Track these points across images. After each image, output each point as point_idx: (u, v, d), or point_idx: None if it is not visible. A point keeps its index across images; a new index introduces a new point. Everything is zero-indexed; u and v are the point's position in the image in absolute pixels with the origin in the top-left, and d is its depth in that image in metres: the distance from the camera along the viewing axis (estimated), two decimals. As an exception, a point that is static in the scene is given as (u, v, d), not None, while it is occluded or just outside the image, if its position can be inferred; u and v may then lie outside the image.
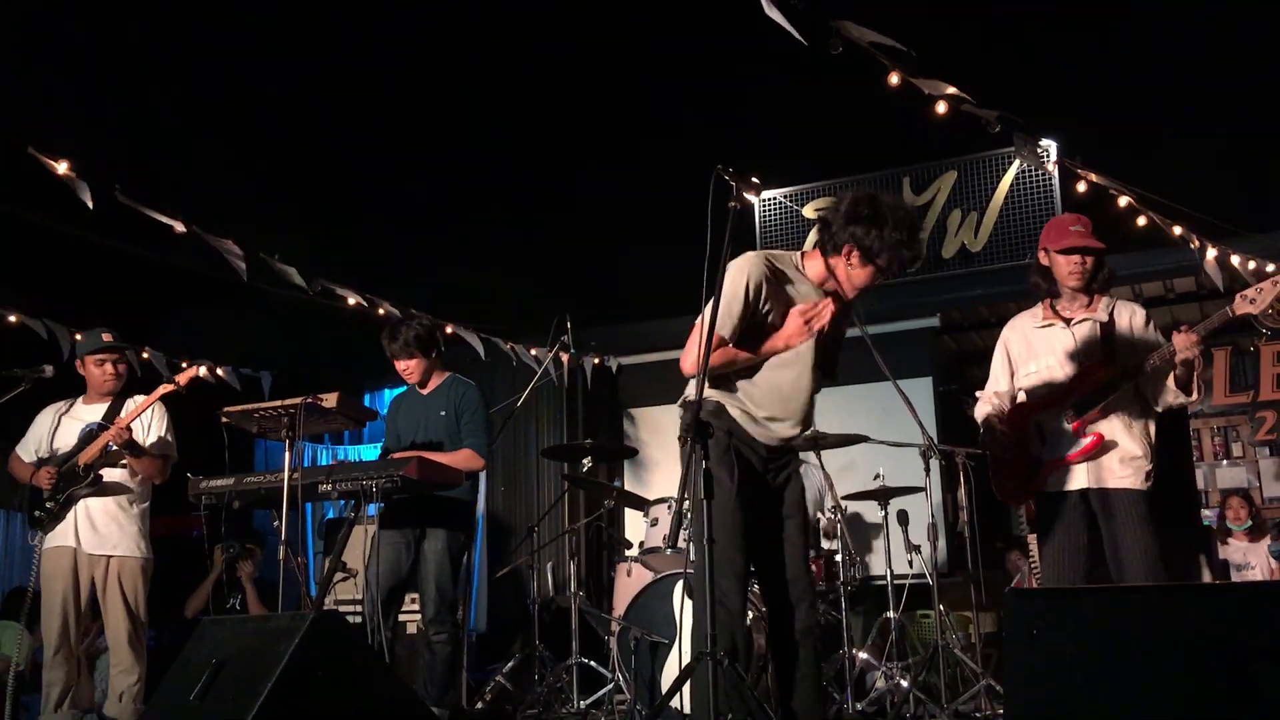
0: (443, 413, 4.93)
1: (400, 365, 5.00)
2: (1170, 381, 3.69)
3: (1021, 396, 3.99)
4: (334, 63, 6.77)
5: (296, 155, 7.04)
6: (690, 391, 3.41)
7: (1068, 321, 3.89)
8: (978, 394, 4.16)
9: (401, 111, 7.13)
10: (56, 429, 4.93)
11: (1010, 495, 4.00)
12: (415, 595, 4.92)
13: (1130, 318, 3.85)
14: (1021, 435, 3.91)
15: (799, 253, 3.38)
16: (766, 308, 3.25)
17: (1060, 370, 3.86)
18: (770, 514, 3.34)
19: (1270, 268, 6.21)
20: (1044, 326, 3.95)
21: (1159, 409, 3.80)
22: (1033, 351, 3.95)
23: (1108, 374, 3.74)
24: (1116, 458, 3.72)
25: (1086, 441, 3.74)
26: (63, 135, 5.31)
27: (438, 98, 7.12)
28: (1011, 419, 3.96)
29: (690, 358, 3.17)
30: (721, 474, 3.16)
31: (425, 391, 5.04)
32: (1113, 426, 3.75)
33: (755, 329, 3.26)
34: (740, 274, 3.22)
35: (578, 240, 7.78)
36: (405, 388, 5.13)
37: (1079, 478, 3.76)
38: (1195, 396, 3.72)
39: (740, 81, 6.95)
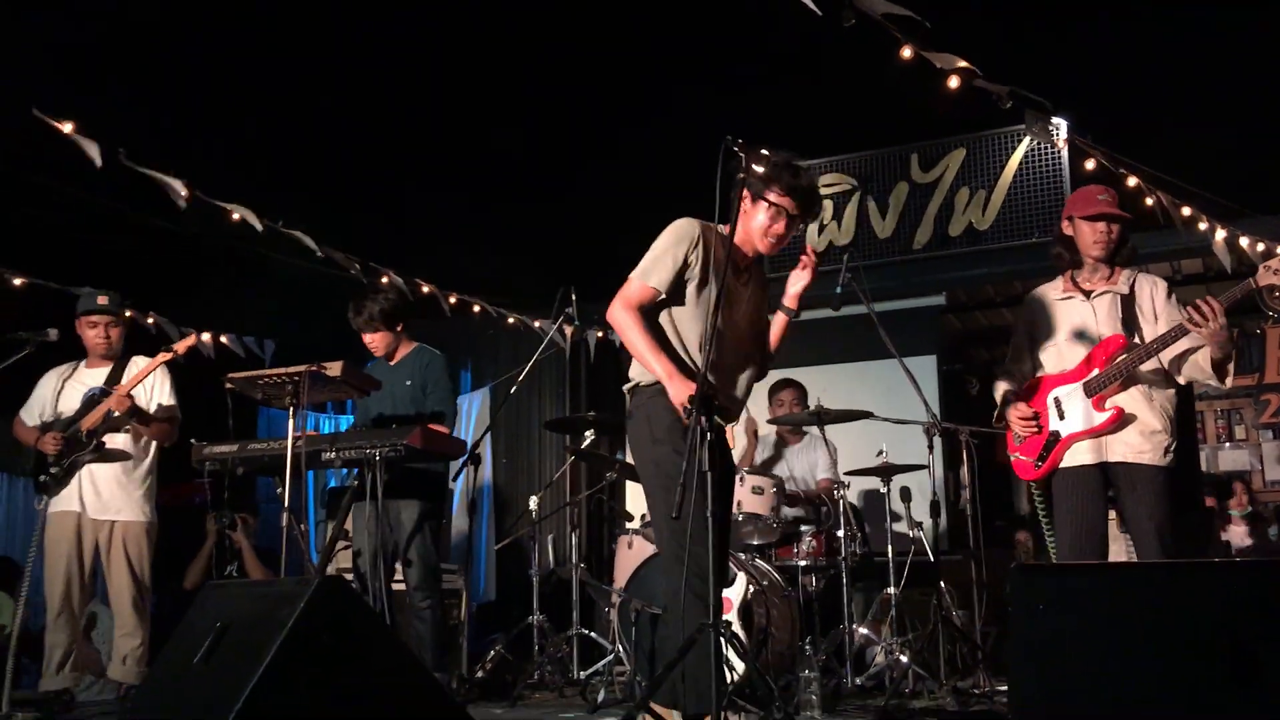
0: (408, 382, 4.95)
1: (366, 338, 5.02)
2: (1204, 361, 3.62)
3: (1041, 370, 3.96)
4: (342, 37, 6.72)
5: (305, 129, 7.00)
6: (634, 373, 3.46)
7: (1088, 294, 3.85)
8: (995, 370, 4.13)
9: (408, 85, 7.09)
10: (60, 393, 4.94)
11: (1029, 471, 3.97)
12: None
13: (1151, 290, 3.81)
14: (1039, 410, 3.88)
15: (725, 226, 3.43)
16: (694, 272, 3.39)
17: (1079, 343, 3.82)
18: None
19: (1280, 249, 6.19)
20: (1064, 299, 3.91)
21: (1181, 381, 3.75)
22: (1052, 324, 3.91)
23: (1124, 347, 3.71)
24: (1136, 431, 3.68)
25: (1105, 416, 3.69)
26: (68, 97, 5.29)
27: (442, 74, 7.08)
28: (1030, 393, 3.93)
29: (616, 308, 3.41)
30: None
31: (392, 363, 5.05)
32: (1133, 400, 3.70)
33: (675, 289, 3.40)
34: (679, 232, 3.42)
35: (583, 213, 7.75)
36: (373, 361, 5.14)
37: (1098, 452, 3.72)
38: (1227, 384, 3.66)
39: (747, 56, 6.90)
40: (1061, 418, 3.81)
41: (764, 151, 3.32)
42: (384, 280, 6.99)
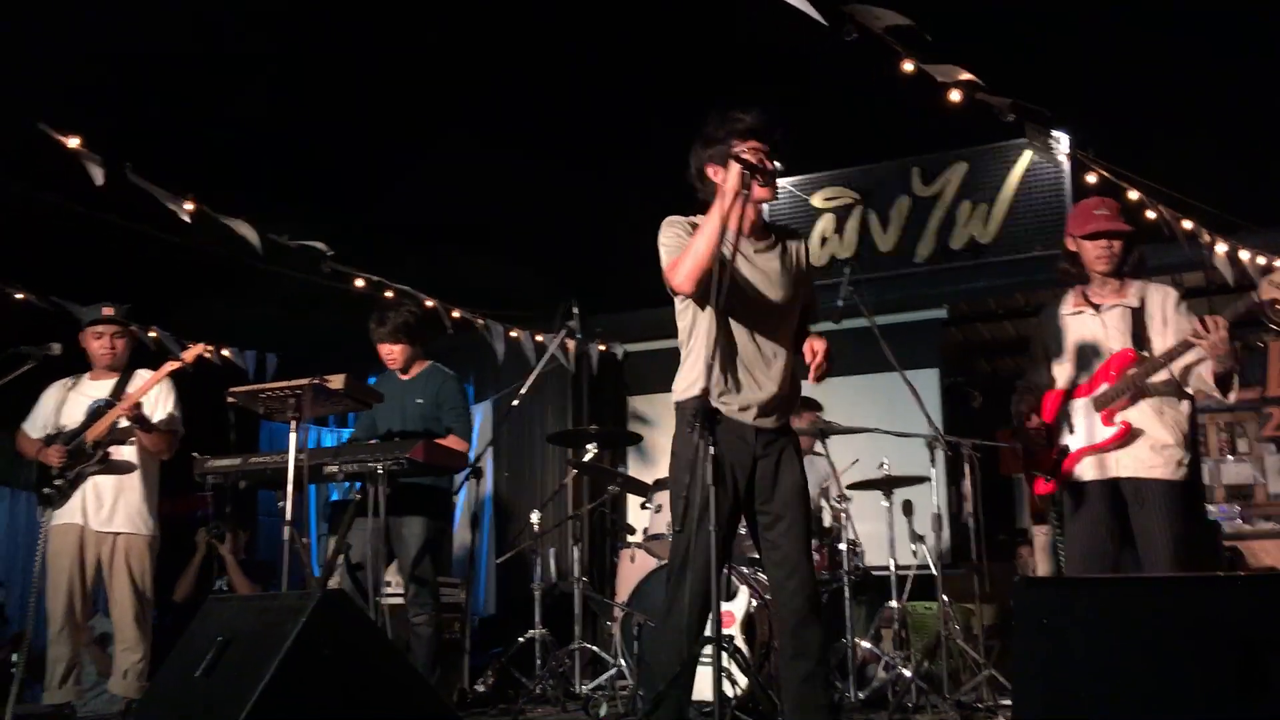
0: (420, 400, 4.95)
1: (384, 349, 5.03)
2: (1207, 374, 3.60)
3: (1054, 385, 3.95)
4: (345, 51, 6.74)
5: (307, 142, 7.02)
6: (678, 386, 3.39)
7: (1097, 308, 3.83)
8: (1018, 384, 4.12)
9: (409, 94, 7.11)
10: (63, 405, 4.94)
11: (1041, 485, 3.97)
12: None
13: (1162, 301, 3.77)
14: (1052, 424, 3.86)
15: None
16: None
17: (1090, 357, 3.81)
18: (762, 501, 3.26)
19: (1280, 263, 6.19)
20: (1074, 314, 3.89)
21: (1189, 390, 3.72)
22: (1064, 339, 3.90)
23: (1134, 361, 3.70)
24: (1147, 446, 3.66)
25: (1113, 431, 3.68)
26: (74, 111, 5.31)
27: (444, 82, 7.09)
28: (1043, 407, 3.93)
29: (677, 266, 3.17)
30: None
31: (405, 378, 5.05)
32: (1143, 414, 3.68)
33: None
34: (673, 223, 3.27)
35: (584, 227, 7.77)
36: (381, 374, 5.14)
37: (1108, 467, 3.70)
38: (1231, 398, 3.64)
39: (750, 69, 6.91)
40: (1072, 431, 3.80)
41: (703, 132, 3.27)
42: (388, 294, 7.01)
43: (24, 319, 6.47)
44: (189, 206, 5.76)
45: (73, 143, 5.14)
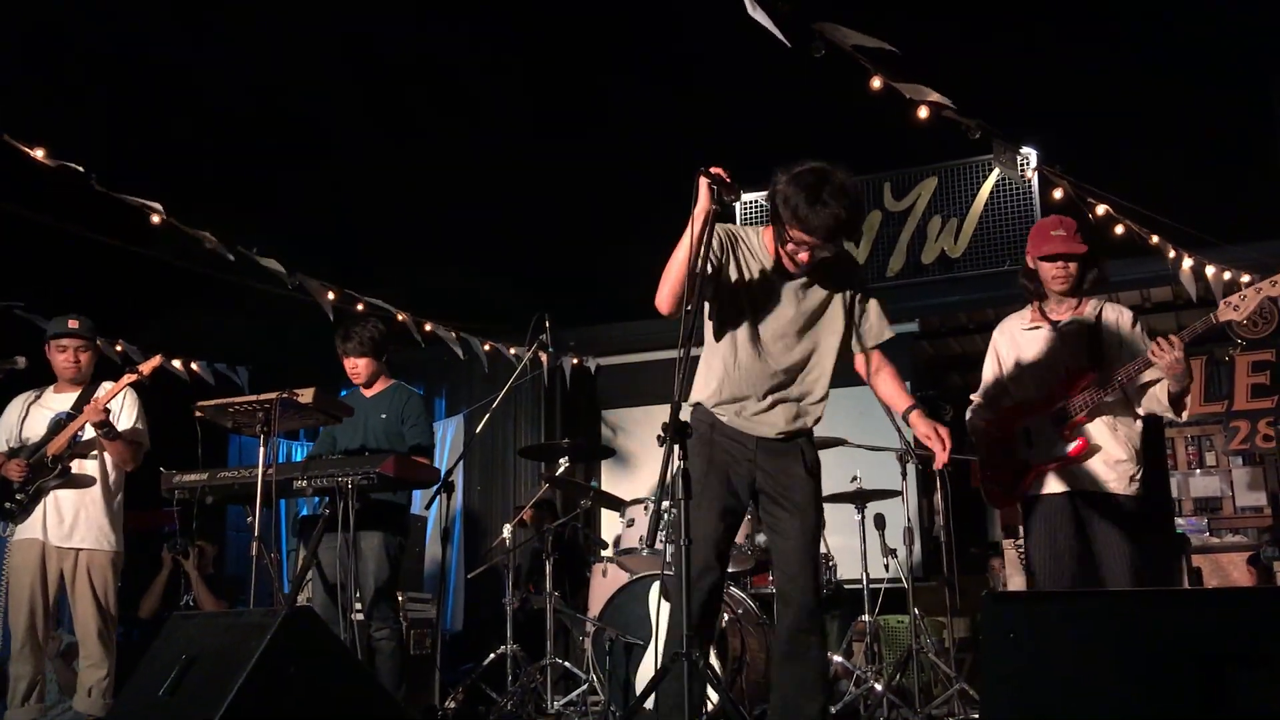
0: (384, 415, 4.93)
1: (349, 363, 5.00)
2: (1161, 394, 3.66)
3: (1010, 399, 3.98)
4: (314, 57, 6.72)
5: (274, 153, 6.99)
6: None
7: (1054, 324, 3.87)
8: (972, 397, 4.14)
9: (379, 107, 7.10)
10: (25, 418, 4.87)
11: (998, 499, 4.00)
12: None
13: (1117, 319, 3.82)
14: (1009, 438, 3.90)
15: (764, 228, 3.33)
16: (729, 265, 3.24)
17: (1047, 373, 3.84)
18: (766, 508, 3.30)
19: (1245, 279, 6.26)
20: (1031, 329, 3.93)
21: (1141, 413, 3.80)
22: (1020, 354, 3.93)
23: (1091, 378, 3.74)
24: (1101, 461, 3.71)
25: (1073, 446, 3.72)
26: (41, 122, 5.26)
27: (415, 93, 7.09)
28: (1000, 422, 3.95)
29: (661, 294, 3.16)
30: (695, 472, 3.11)
31: (368, 394, 5.03)
32: (1098, 430, 3.74)
33: (722, 291, 3.25)
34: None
35: (556, 241, 7.76)
36: (346, 391, 5.11)
37: (1066, 481, 3.74)
38: (1184, 417, 3.70)
39: (721, 83, 6.95)
40: (1030, 446, 3.83)
41: (783, 177, 3.20)
42: (359, 307, 6.97)
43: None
44: (156, 219, 5.71)
45: (38, 153, 5.08)
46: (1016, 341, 3.97)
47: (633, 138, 7.27)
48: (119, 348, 7.01)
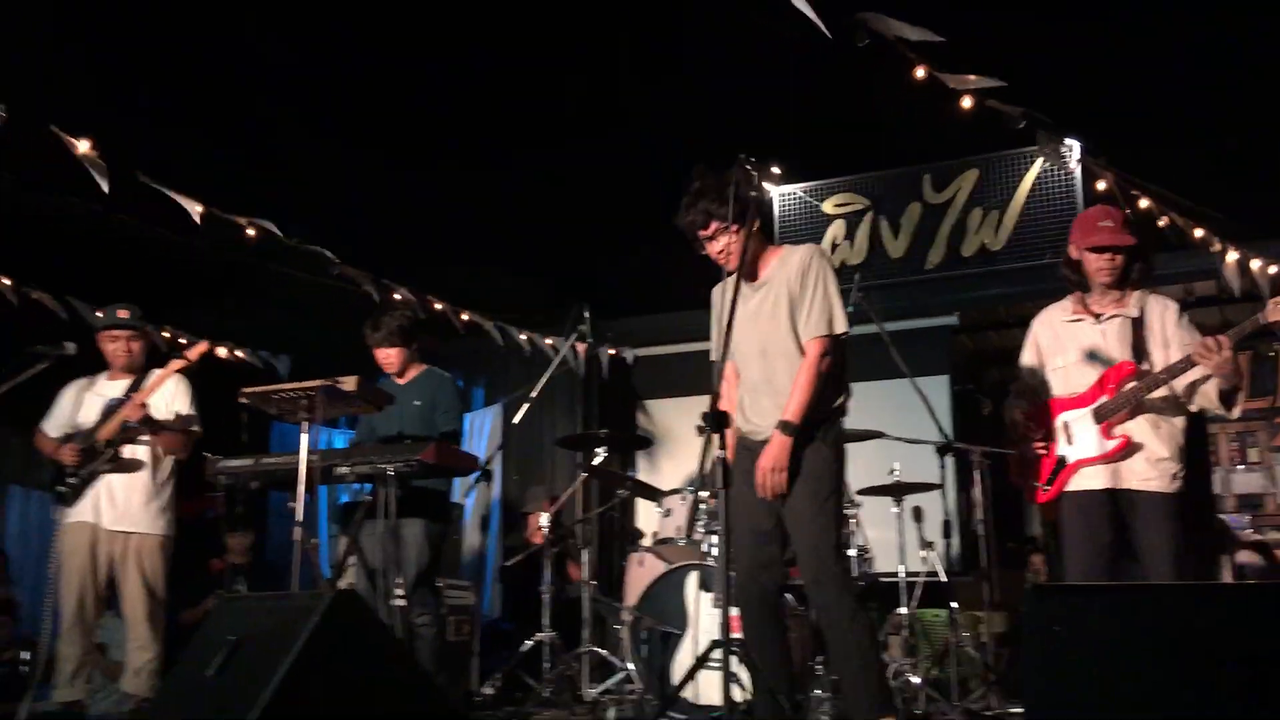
0: (417, 403, 4.96)
1: (380, 354, 5.04)
2: (1211, 391, 3.58)
3: (1050, 393, 3.92)
4: (358, 56, 6.77)
5: (320, 145, 7.04)
6: None
7: (1097, 317, 3.79)
8: (1011, 387, 4.09)
9: (424, 102, 7.13)
10: (80, 404, 4.98)
11: (1036, 494, 3.94)
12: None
13: (1162, 314, 3.73)
14: (1048, 433, 3.85)
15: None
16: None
17: (1088, 367, 3.76)
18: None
19: (1290, 273, 6.17)
20: (1073, 321, 3.84)
21: (1192, 409, 3.71)
22: (1060, 346, 3.85)
23: (1134, 373, 3.69)
24: (1143, 459, 3.63)
25: (1113, 444, 3.65)
26: (86, 114, 5.34)
27: (454, 88, 7.11)
28: (1039, 416, 3.90)
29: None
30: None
31: (401, 382, 5.07)
32: (1140, 427, 3.65)
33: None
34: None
35: (594, 233, 7.78)
36: (382, 378, 5.16)
37: (1105, 478, 3.67)
38: (1235, 414, 3.63)
39: (761, 75, 6.92)
40: (1070, 442, 3.77)
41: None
42: (396, 296, 7.03)
43: (40, 320, 6.51)
44: (199, 209, 5.79)
45: (83, 146, 5.16)
46: (1057, 333, 3.88)
47: (669, 129, 7.26)
48: (166, 334, 7.11)
